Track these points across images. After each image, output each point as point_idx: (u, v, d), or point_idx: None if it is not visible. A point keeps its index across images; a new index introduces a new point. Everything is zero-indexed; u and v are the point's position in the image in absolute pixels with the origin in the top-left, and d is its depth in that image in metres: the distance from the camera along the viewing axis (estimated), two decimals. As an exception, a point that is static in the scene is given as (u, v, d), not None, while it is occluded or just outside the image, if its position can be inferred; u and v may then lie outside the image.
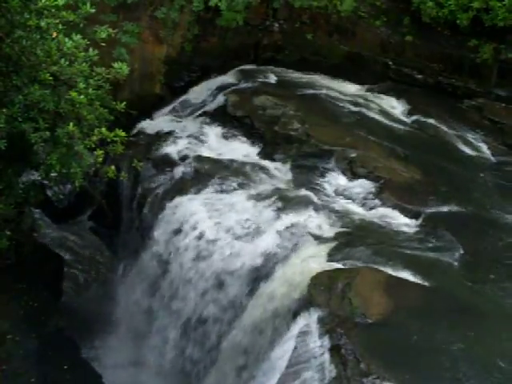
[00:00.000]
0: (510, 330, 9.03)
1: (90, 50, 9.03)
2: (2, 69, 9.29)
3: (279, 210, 11.50)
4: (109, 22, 12.79)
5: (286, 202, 11.68)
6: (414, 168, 13.11)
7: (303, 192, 12.13)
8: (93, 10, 9.18)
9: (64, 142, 9.17)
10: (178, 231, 11.93)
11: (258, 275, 10.81)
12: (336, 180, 12.69)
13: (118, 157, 9.82)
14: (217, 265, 11.25)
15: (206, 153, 13.47)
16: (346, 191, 12.39)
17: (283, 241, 10.91)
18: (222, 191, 12.23)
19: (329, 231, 11.03)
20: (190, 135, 14.21)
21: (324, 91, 15.84)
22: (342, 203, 12.02)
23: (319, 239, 10.81)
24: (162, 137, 14.37)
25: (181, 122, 15.22)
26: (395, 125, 14.85)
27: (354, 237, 10.88)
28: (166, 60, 16.32)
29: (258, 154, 13.66)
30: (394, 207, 11.86)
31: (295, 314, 9.46)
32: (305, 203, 11.70)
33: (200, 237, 11.59)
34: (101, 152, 9.28)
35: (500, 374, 8.15)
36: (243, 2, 14.90)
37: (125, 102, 9.77)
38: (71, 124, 8.98)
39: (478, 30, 15.87)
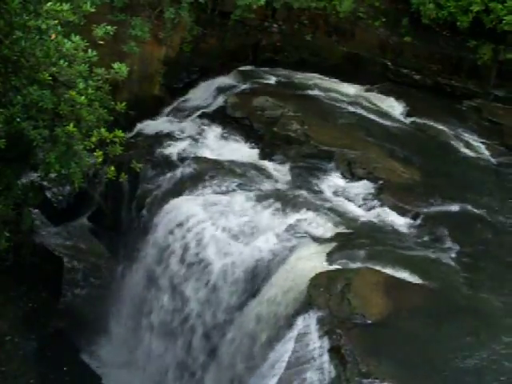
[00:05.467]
0: (510, 329, 9.03)
1: (89, 51, 9.02)
2: (0, 70, 9.28)
3: (278, 211, 11.50)
4: (117, 21, 12.88)
5: (285, 203, 11.67)
6: (413, 169, 13.12)
7: (302, 193, 12.13)
8: (93, 10, 9.17)
9: (63, 140, 9.16)
10: (177, 232, 11.91)
11: (257, 276, 10.80)
12: (335, 181, 12.69)
13: (117, 158, 9.80)
14: (216, 265, 11.23)
15: (205, 154, 13.47)
16: (345, 192, 12.39)
17: (282, 242, 10.90)
18: (221, 192, 12.21)
19: (328, 232, 11.03)
20: (190, 136, 14.22)
21: (323, 92, 15.85)
22: (341, 204, 12.02)
23: (318, 240, 10.81)
24: (162, 138, 14.37)
25: (180, 123, 15.21)
26: (394, 125, 14.86)
27: (353, 237, 10.88)
28: (165, 61, 16.31)
29: (258, 154, 13.66)
30: (393, 208, 11.86)
31: (295, 315, 9.45)
32: (304, 204, 11.70)
33: (199, 238, 11.57)
34: (100, 153, 9.27)
35: (499, 373, 8.15)
36: None
37: (125, 103, 9.75)
38: (71, 124, 8.97)
39: (478, 31, 15.88)
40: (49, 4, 8.51)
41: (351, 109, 15.10)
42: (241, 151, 13.75)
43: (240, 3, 15.14)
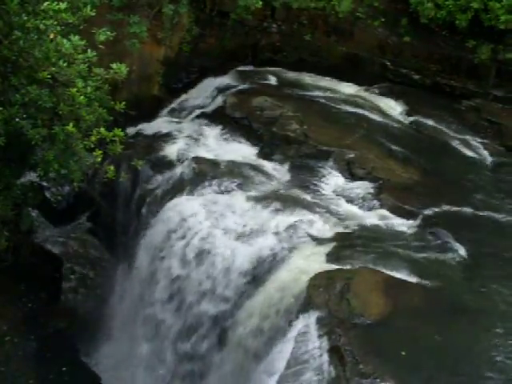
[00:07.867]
0: (510, 329, 9.03)
1: (89, 51, 9.02)
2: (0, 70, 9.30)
3: (277, 211, 11.49)
4: (115, 20, 12.88)
5: (284, 203, 11.67)
6: (413, 169, 13.13)
7: (301, 193, 12.13)
8: (93, 13, 9.18)
9: (61, 139, 9.16)
10: (176, 232, 11.91)
11: (257, 276, 10.80)
12: (334, 181, 12.68)
13: (116, 157, 9.80)
14: (215, 266, 11.23)
15: (204, 154, 13.45)
16: (345, 192, 12.39)
17: (282, 242, 10.89)
18: (220, 192, 12.21)
19: (327, 232, 11.03)
20: (189, 136, 14.21)
21: (322, 92, 15.86)
22: (340, 204, 12.02)
23: (318, 240, 10.81)
24: (161, 138, 14.37)
25: (179, 123, 15.22)
26: (393, 125, 14.87)
27: (352, 237, 10.88)
28: (165, 61, 16.31)
29: (257, 154, 13.66)
30: (393, 208, 11.86)
31: (294, 315, 9.45)
32: (303, 204, 11.70)
33: (198, 238, 11.57)
34: (100, 152, 9.27)
35: (500, 372, 8.15)
36: None
37: (124, 102, 9.75)
38: (71, 124, 8.97)
39: (477, 31, 15.89)
40: (46, 4, 8.52)
41: (350, 109, 15.10)
42: (240, 151, 13.75)
43: (240, 3, 15.12)
